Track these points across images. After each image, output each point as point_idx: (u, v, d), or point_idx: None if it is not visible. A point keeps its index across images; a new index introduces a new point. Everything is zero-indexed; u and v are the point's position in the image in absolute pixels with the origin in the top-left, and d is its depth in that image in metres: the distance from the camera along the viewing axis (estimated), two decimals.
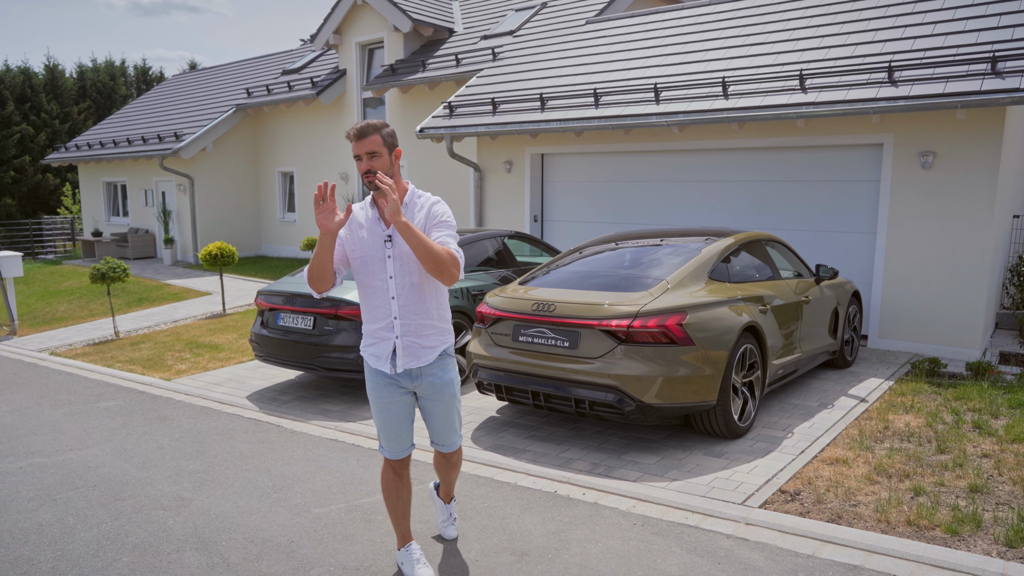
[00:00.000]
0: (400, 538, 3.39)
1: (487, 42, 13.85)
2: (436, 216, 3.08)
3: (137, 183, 19.32)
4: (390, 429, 3.19)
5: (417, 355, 3.12)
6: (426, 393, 3.19)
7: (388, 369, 3.12)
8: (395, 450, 3.23)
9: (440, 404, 3.22)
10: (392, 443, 3.22)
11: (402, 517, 3.35)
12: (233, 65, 21.47)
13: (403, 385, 3.17)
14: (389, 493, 3.30)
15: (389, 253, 3.06)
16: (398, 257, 3.05)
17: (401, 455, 3.25)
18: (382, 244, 3.06)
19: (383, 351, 3.12)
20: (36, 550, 3.80)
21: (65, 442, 5.65)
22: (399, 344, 3.10)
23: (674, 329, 4.67)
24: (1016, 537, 3.52)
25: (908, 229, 7.87)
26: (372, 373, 3.18)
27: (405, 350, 3.10)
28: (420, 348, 3.12)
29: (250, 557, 3.64)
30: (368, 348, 3.18)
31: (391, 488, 3.29)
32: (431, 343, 3.14)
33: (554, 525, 3.87)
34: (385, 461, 3.29)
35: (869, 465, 4.56)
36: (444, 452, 3.38)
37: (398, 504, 3.31)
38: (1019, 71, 6.91)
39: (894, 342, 8.05)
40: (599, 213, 10.59)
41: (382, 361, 3.13)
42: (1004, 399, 5.82)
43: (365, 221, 3.12)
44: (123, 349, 9.55)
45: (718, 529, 3.74)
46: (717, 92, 8.73)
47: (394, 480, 3.28)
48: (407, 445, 3.25)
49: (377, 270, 3.07)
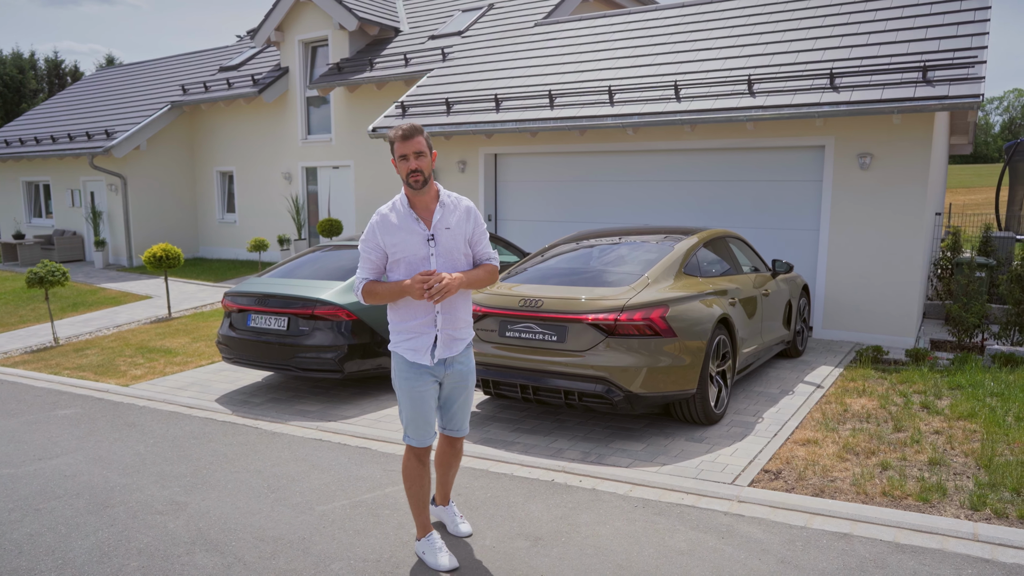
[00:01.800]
0: (421, 528, 3.48)
1: (435, 42, 13.88)
2: (479, 224, 3.36)
3: (62, 183, 18.39)
4: (421, 417, 3.34)
5: (451, 346, 3.33)
6: (453, 381, 3.39)
7: (428, 361, 3.27)
8: (423, 438, 3.38)
9: (464, 391, 3.44)
10: (422, 431, 3.36)
11: (423, 506, 3.46)
12: (164, 60, 20.70)
13: (435, 375, 3.33)
14: (412, 482, 3.40)
15: (432, 251, 3.23)
16: (441, 255, 3.24)
17: (429, 442, 3.41)
18: (425, 243, 3.23)
19: (423, 344, 3.27)
20: (34, 560, 3.68)
21: (31, 452, 5.43)
22: (440, 337, 3.27)
23: (658, 321, 4.90)
24: (979, 502, 3.90)
25: (848, 226, 8.40)
26: (407, 366, 3.31)
27: (444, 342, 3.29)
28: (454, 340, 3.33)
29: (265, 555, 3.65)
30: (404, 343, 3.31)
31: (415, 476, 3.39)
32: (463, 335, 3.38)
33: (559, 511, 4.03)
34: (409, 451, 3.40)
35: (837, 444, 4.91)
36: (458, 436, 3.57)
37: (420, 492, 3.42)
38: (947, 80, 7.50)
39: (837, 332, 8.58)
40: (553, 212, 10.82)
41: (420, 354, 3.28)
42: (944, 382, 6.33)
43: (399, 220, 3.25)
44: (68, 356, 9.15)
45: (714, 507, 3.99)
46: (670, 95, 9.08)
47: (418, 468, 3.40)
48: (433, 432, 3.42)
49: (421, 268, 3.22)
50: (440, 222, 3.26)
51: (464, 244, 3.32)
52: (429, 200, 3.26)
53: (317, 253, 7.52)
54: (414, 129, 3.14)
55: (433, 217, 3.25)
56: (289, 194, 16.00)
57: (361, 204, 14.94)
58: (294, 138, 15.87)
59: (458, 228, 3.27)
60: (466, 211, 3.32)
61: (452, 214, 3.28)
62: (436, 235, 3.24)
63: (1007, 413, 5.34)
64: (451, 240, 3.26)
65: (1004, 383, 6.09)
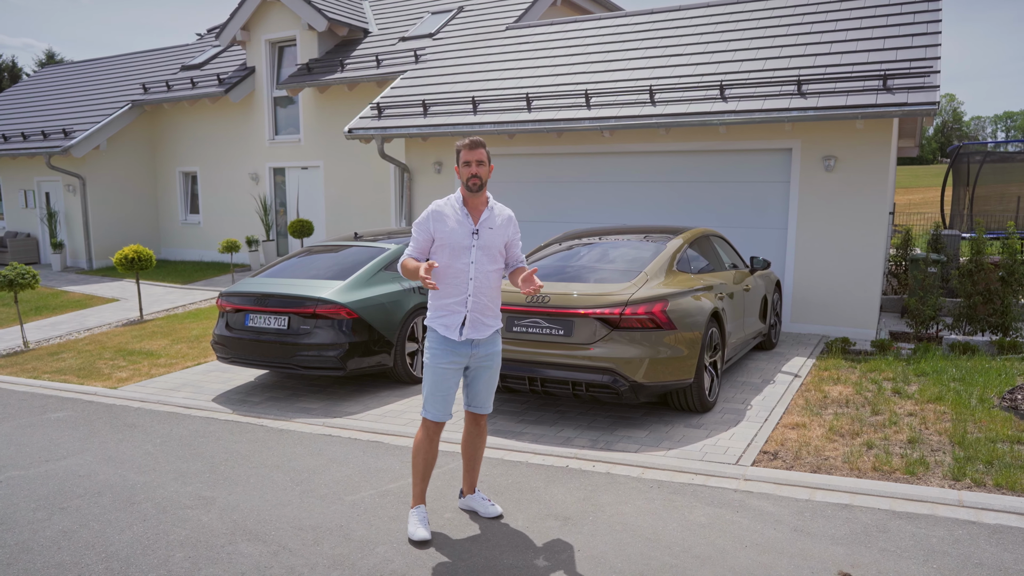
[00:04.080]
0: (416, 497, 3.89)
1: (407, 44, 13.99)
2: (517, 232, 3.91)
3: (14, 183, 17.81)
4: (442, 392, 3.74)
5: (478, 329, 3.75)
6: (479, 362, 3.81)
7: (456, 336, 3.71)
8: (440, 413, 3.76)
9: (488, 370, 3.85)
10: (440, 406, 3.76)
11: (423, 478, 3.86)
12: (120, 58, 20.20)
13: (462, 354, 3.75)
14: (419, 454, 3.82)
15: (474, 243, 3.75)
16: (481, 248, 3.75)
17: (443, 418, 3.78)
18: (470, 235, 3.75)
19: (454, 322, 3.72)
20: (76, 555, 3.75)
21: (35, 454, 5.41)
22: (468, 317, 3.72)
23: (659, 315, 5.20)
24: (959, 473, 4.31)
25: (814, 225, 8.90)
26: (439, 341, 3.75)
27: (471, 323, 3.73)
28: (482, 323, 3.77)
29: (307, 542, 3.79)
30: (438, 319, 3.76)
31: (422, 449, 3.81)
32: (490, 321, 3.81)
33: (581, 493, 4.28)
34: (424, 424, 3.80)
35: (824, 427, 5.29)
36: (481, 414, 3.94)
37: (423, 465, 3.83)
38: (905, 88, 8.04)
39: (804, 325, 9.07)
40: (529, 212, 11.06)
41: (451, 330, 3.72)
42: (910, 369, 6.81)
43: (453, 214, 3.77)
44: (43, 360, 8.99)
45: (724, 486, 4.30)
46: (645, 99, 9.44)
47: (427, 442, 3.81)
48: (450, 411, 3.80)
49: (462, 255, 3.72)
50: (485, 221, 3.79)
51: (501, 244, 3.83)
52: (480, 203, 3.80)
53: (307, 254, 7.60)
54: (479, 142, 3.70)
55: (481, 216, 3.79)
56: (257, 194, 15.87)
57: (331, 204, 14.94)
58: (261, 138, 15.75)
59: (500, 229, 3.81)
60: (508, 218, 3.88)
61: (497, 218, 3.82)
62: (480, 231, 3.76)
63: (971, 396, 5.82)
64: (492, 238, 3.78)
65: (964, 369, 6.60)
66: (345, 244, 7.58)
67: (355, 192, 14.57)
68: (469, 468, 4.06)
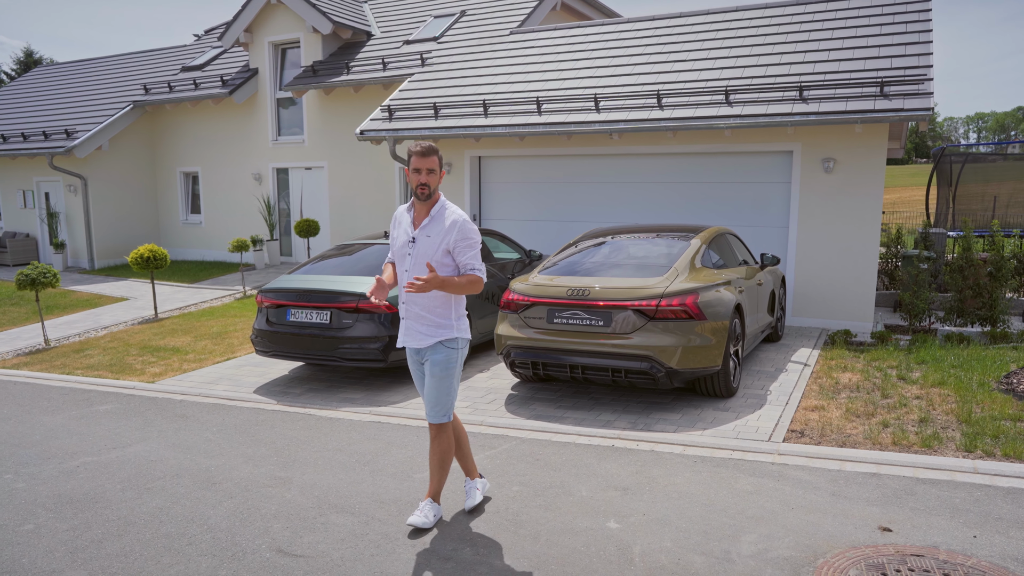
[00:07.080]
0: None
1: (412, 47, 14.31)
2: (463, 238, 3.69)
3: (13, 184, 17.81)
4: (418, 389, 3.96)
5: (413, 336, 3.83)
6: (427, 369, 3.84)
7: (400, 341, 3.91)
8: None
9: (431, 379, 3.82)
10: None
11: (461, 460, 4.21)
12: (118, 58, 20.23)
13: (414, 358, 3.95)
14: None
15: (409, 252, 3.79)
16: (416, 255, 3.75)
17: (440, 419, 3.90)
18: (407, 243, 3.80)
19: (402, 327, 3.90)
20: (180, 527, 4.06)
21: (99, 443, 5.68)
22: (403, 324, 3.87)
23: (692, 306, 5.62)
24: (971, 445, 4.78)
25: (814, 223, 9.40)
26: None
27: (405, 330, 3.86)
28: (416, 331, 3.82)
29: (393, 513, 4.14)
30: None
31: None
32: (426, 331, 3.79)
33: (632, 467, 4.68)
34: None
35: (841, 409, 5.75)
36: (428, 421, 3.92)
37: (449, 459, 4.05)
38: (901, 94, 8.56)
39: (805, 319, 9.57)
40: (535, 211, 11.47)
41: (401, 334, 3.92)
42: (910, 358, 7.32)
43: (401, 219, 3.87)
44: (69, 357, 9.19)
45: (761, 460, 4.72)
46: (653, 103, 9.88)
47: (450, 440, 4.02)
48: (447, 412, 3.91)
49: (401, 262, 3.84)
50: (424, 229, 3.74)
51: (442, 252, 3.70)
52: (425, 210, 3.76)
53: (340, 252, 7.92)
54: (431, 149, 3.64)
55: (421, 223, 3.77)
56: (260, 195, 16.07)
57: (335, 204, 15.20)
58: (264, 139, 15.96)
59: (437, 237, 3.69)
60: (451, 224, 3.69)
61: (437, 225, 3.72)
62: (417, 238, 3.74)
63: (971, 381, 6.32)
64: (427, 246, 3.71)
65: (961, 357, 7.12)
66: (377, 242, 7.92)
67: (359, 192, 14.85)
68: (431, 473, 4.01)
